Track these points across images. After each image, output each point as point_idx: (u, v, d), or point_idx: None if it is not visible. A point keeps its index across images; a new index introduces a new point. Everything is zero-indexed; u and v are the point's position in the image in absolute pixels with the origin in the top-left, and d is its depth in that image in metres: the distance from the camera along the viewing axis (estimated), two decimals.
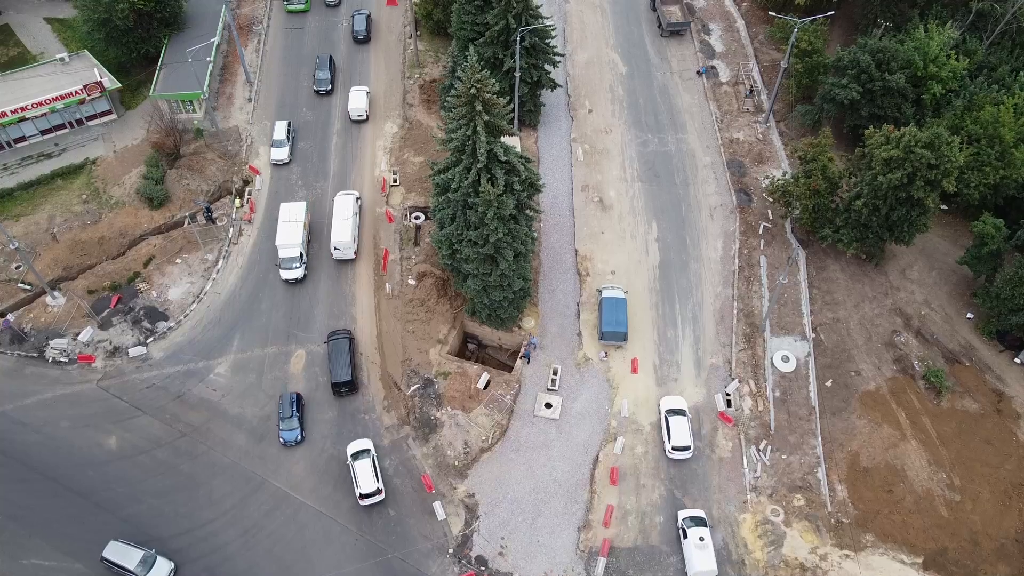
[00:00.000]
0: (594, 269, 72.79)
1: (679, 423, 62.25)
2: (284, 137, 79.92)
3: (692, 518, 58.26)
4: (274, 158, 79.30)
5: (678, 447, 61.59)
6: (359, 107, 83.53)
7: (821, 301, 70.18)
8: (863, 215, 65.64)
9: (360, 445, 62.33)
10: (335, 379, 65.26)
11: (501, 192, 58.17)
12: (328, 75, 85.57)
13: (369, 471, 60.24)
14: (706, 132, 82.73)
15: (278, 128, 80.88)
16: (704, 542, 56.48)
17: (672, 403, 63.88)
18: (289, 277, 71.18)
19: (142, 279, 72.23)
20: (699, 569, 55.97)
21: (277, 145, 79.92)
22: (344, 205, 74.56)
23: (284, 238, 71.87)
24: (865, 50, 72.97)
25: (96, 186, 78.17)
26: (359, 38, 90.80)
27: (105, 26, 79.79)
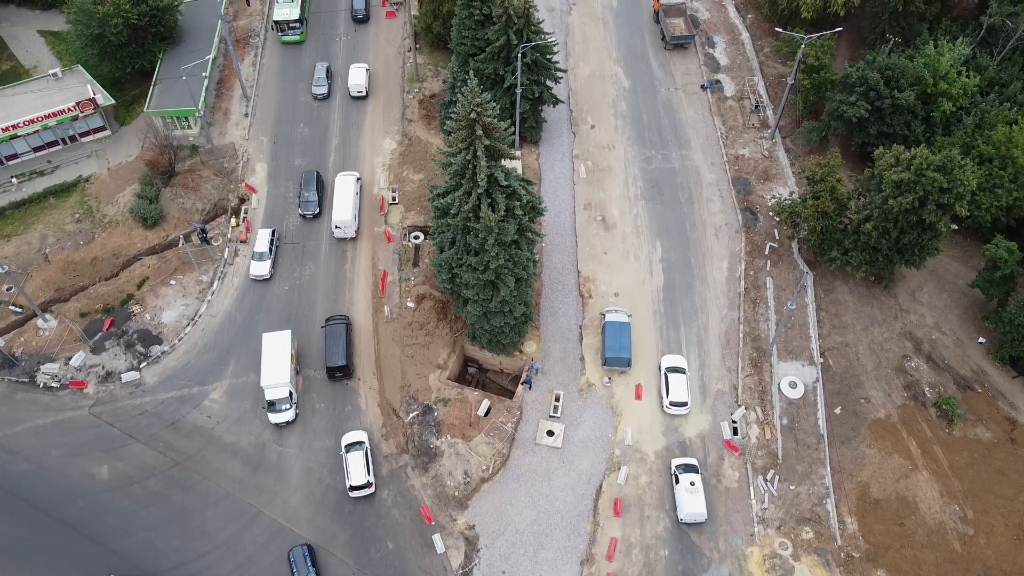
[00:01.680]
0: (597, 291, 71.26)
1: (678, 380, 64.19)
2: (267, 249, 71.88)
3: (684, 465, 60.50)
4: (253, 273, 71.23)
5: (676, 403, 63.52)
6: (359, 83, 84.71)
7: (829, 324, 68.62)
8: (872, 238, 64.10)
9: (354, 437, 62.58)
10: (330, 363, 65.76)
11: (502, 217, 56.69)
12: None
13: (361, 463, 60.42)
14: (711, 148, 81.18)
15: (261, 238, 72.51)
16: (695, 487, 58.93)
17: (672, 361, 65.76)
18: (279, 421, 62.93)
19: (135, 301, 70.76)
20: (688, 511, 58.50)
21: (258, 258, 71.69)
22: (345, 185, 75.78)
23: (270, 377, 63.27)
24: (874, 67, 71.40)
25: (89, 205, 76.73)
26: (358, 17, 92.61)
27: (99, 41, 78.26)
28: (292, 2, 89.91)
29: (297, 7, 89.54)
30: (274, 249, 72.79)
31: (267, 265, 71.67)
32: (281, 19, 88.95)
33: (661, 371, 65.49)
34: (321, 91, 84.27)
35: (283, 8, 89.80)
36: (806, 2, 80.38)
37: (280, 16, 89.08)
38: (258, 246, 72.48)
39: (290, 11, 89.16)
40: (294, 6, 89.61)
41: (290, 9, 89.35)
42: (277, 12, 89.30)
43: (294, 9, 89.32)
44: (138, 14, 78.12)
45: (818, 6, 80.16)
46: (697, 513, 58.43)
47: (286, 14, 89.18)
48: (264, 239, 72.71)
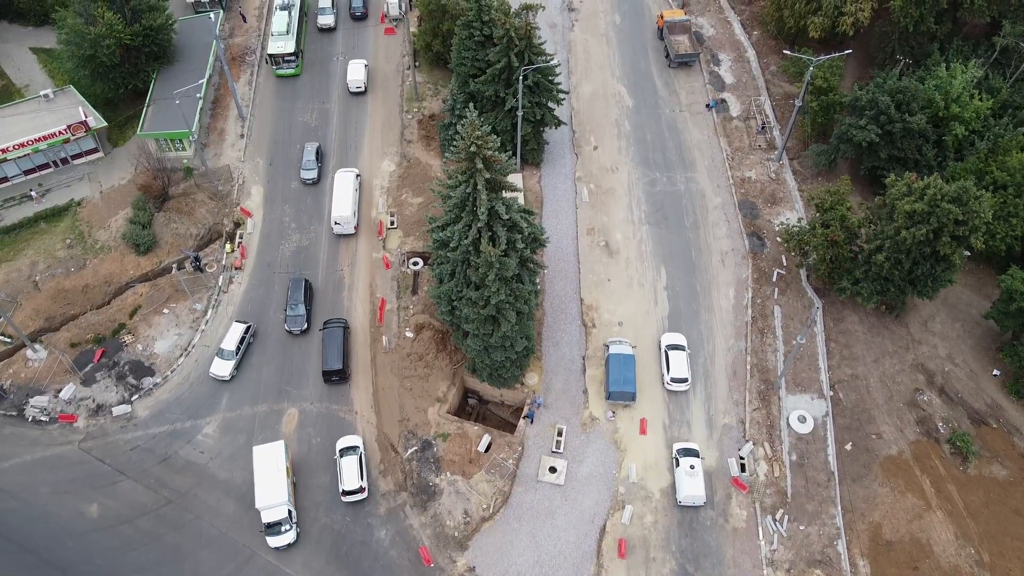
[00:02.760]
0: (600, 320, 69.50)
1: (678, 357, 65.26)
2: (234, 347, 65.98)
3: (684, 449, 61.36)
4: (213, 371, 65.47)
5: (676, 379, 64.59)
6: (358, 79, 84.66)
7: (839, 356, 66.83)
8: (884, 269, 62.29)
9: (349, 441, 61.99)
10: (326, 367, 65.15)
11: (503, 252, 54.95)
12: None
13: (355, 468, 59.96)
14: (716, 170, 79.39)
15: (231, 334, 66.67)
16: (694, 470, 59.68)
17: (672, 339, 66.88)
18: (279, 544, 57.54)
19: (127, 331, 69.06)
20: (687, 493, 59.15)
21: (221, 356, 65.85)
22: (344, 181, 75.17)
23: (265, 496, 57.79)
24: (884, 90, 69.59)
25: (81, 230, 75.02)
26: (357, 15, 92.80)
27: (91, 62, 76.52)
28: (287, 35, 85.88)
29: (292, 40, 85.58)
30: (243, 348, 66.40)
31: (230, 366, 65.34)
32: (276, 52, 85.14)
33: (661, 349, 66.61)
34: (310, 176, 77.23)
35: (278, 41, 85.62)
36: (814, 21, 78.56)
37: (275, 49, 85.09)
38: (225, 342, 66.05)
39: (285, 44, 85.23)
40: (289, 39, 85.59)
41: (285, 42, 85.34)
42: (271, 45, 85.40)
43: (289, 42, 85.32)
44: (131, 34, 76.46)
45: (826, 25, 78.33)
46: (696, 496, 59.19)
47: (281, 47, 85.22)
48: (234, 336, 66.28)
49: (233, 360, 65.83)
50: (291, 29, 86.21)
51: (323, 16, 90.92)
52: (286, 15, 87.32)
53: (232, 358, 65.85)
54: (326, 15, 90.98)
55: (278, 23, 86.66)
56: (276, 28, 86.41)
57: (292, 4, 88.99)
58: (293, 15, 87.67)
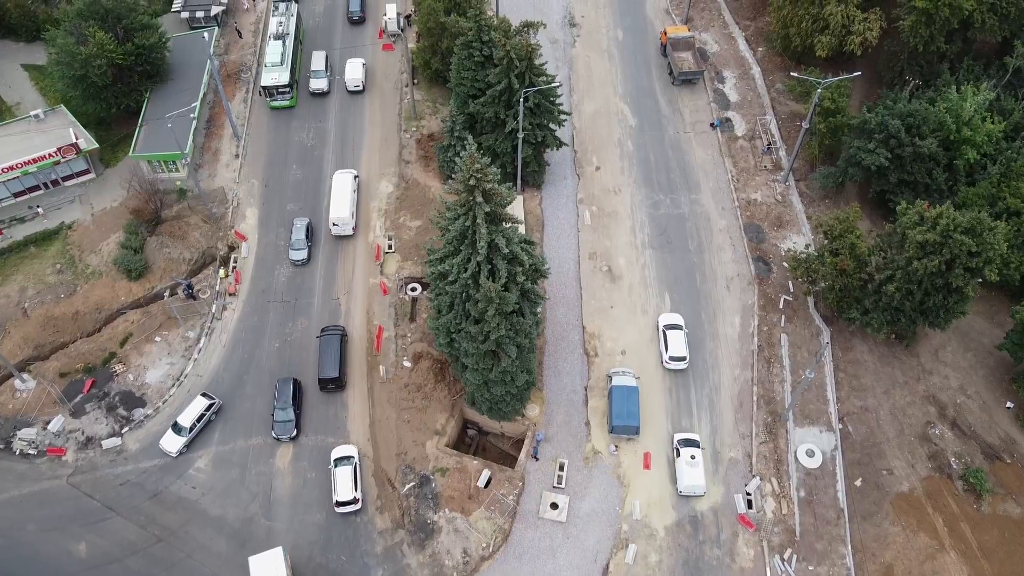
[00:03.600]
0: (603, 348, 67.81)
1: (676, 336, 66.04)
2: (189, 424, 61.82)
3: (685, 440, 61.44)
4: (163, 445, 61.63)
5: (675, 357, 65.42)
6: (356, 78, 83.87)
7: (848, 387, 65.12)
8: (895, 299, 60.60)
9: (344, 451, 61.33)
10: (322, 375, 64.53)
11: (503, 286, 53.24)
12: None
13: (349, 479, 59.25)
14: (721, 192, 77.69)
15: (190, 409, 62.39)
16: (695, 460, 59.97)
17: (670, 319, 67.77)
18: None
19: (118, 360, 67.38)
20: (688, 483, 59.49)
21: (176, 430, 61.90)
22: (342, 182, 74.38)
23: None
24: (894, 114, 67.86)
25: (71, 254, 73.36)
26: (354, 19, 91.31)
27: (82, 82, 74.83)
28: (281, 65, 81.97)
29: (287, 71, 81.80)
30: (201, 426, 62.47)
31: (180, 443, 61.38)
32: (269, 84, 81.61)
33: (659, 329, 67.32)
34: (300, 256, 71.32)
35: (271, 72, 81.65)
36: (821, 40, 76.82)
37: (268, 81, 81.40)
38: (183, 415, 62.04)
39: (279, 75, 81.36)
40: (283, 70, 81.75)
41: (279, 73, 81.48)
42: (265, 77, 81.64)
43: (283, 73, 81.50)
44: (123, 53, 74.81)
45: (834, 45, 76.62)
46: (696, 486, 59.45)
47: (275, 79, 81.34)
48: (193, 411, 62.15)
49: (185, 437, 61.56)
50: (285, 59, 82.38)
51: (316, 80, 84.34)
52: (279, 45, 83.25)
53: (185, 435, 61.53)
54: (319, 79, 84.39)
55: (271, 53, 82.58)
56: (269, 59, 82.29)
57: (286, 33, 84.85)
58: (287, 44, 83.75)
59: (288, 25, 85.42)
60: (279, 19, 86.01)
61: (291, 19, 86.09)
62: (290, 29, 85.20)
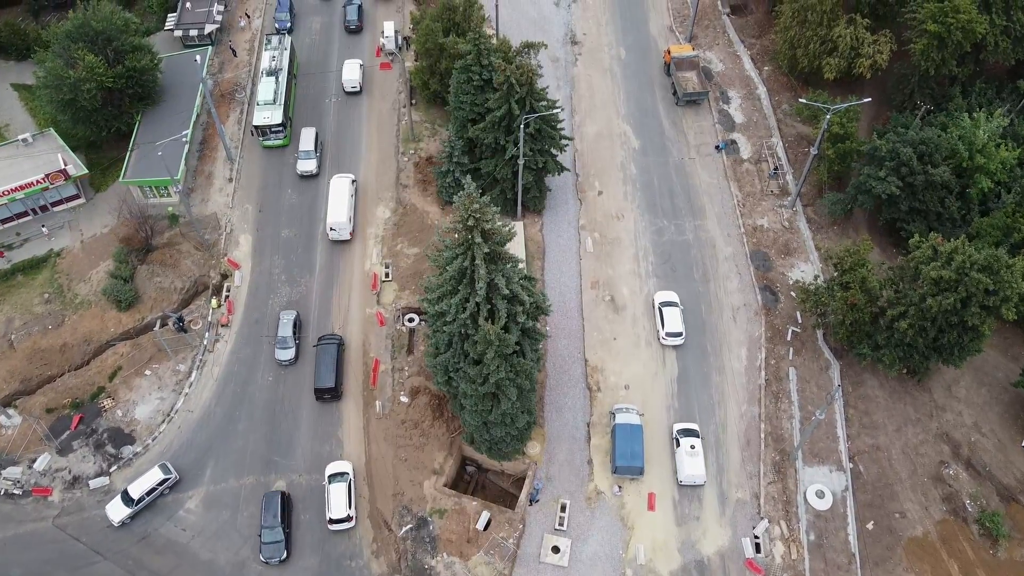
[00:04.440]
0: (606, 383, 65.88)
1: (672, 313, 67.37)
2: (138, 496, 58.18)
3: (684, 430, 61.82)
4: (107, 511, 58.47)
5: (671, 333, 66.63)
6: (353, 78, 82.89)
7: (858, 424, 63.19)
8: (907, 336, 58.68)
9: (338, 467, 60.52)
10: (318, 384, 63.83)
11: (503, 327, 51.30)
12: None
13: (343, 496, 58.52)
14: (726, 217, 75.74)
15: (143, 480, 58.86)
16: (695, 450, 60.23)
17: (665, 297, 68.87)
18: None
19: (107, 394, 65.46)
20: (688, 473, 59.73)
21: (124, 500, 58.35)
22: (340, 187, 73.73)
23: None
24: (906, 142, 65.91)
25: (60, 283, 71.47)
26: (351, 28, 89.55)
27: (71, 106, 72.92)
28: (274, 104, 77.72)
29: (279, 110, 77.63)
30: (151, 498, 58.62)
31: (125, 513, 57.69)
32: (262, 124, 77.51)
33: (655, 307, 68.24)
34: (287, 356, 65.79)
35: (263, 111, 77.48)
36: (829, 63, 74.86)
37: (260, 121, 77.25)
38: (133, 486, 58.36)
39: (271, 114, 77.27)
40: (276, 108, 77.60)
41: (271, 112, 77.36)
42: (257, 116, 77.55)
43: (276, 112, 77.40)
44: (113, 76, 72.90)
45: (842, 67, 74.68)
46: (697, 475, 59.72)
47: (267, 118, 77.21)
48: (146, 483, 58.41)
49: (132, 509, 58.06)
50: (278, 97, 78.24)
51: (304, 161, 76.97)
52: (272, 82, 79.05)
53: (131, 506, 58.06)
54: (307, 160, 77.16)
55: (264, 91, 78.45)
56: (262, 97, 78.11)
57: (279, 68, 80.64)
58: (280, 80, 79.55)
59: (281, 60, 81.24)
60: (272, 53, 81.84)
61: (284, 53, 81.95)
62: (283, 64, 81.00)
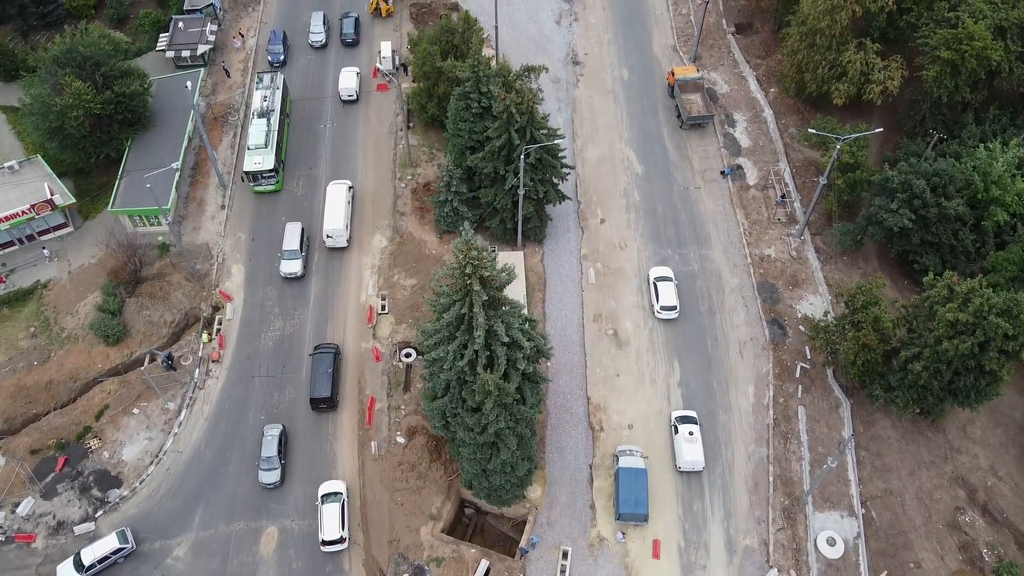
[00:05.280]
0: (609, 422, 63.79)
1: (667, 287, 68.51)
2: (89, 562, 55.75)
3: (683, 417, 62.48)
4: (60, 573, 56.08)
5: (666, 307, 67.83)
6: (350, 87, 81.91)
7: (870, 466, 61.09)
8: (922, 378, 56.59)
9: (332, 487, 59.46)
10: (314, 394, 63.17)
11: (502, 374, 49.24)
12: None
13: (336, 517, 57.55)
14: (733, 247, 73.63)
15: (95, 547, 56.42)
16: (693, 436, 60.73)
17: (660, 272, 69.91)
18: None
19: (93, 434, 63.38)
20: (687, 459, 60.16)
21: (76, 565, 55.80)
22: (336, 194, 72.91)
23: None
24: (919, 173, 63.83)
25: (46, 316, 69.46)
26: (347, 41, 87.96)
27: (58, 134, 70.87)
28: (265, 148, 73.55)
29: (271, 154, 73.51)
30: (103, 566, 56.14)
31: None
32: (252, 170, 73.30)
33: (650, 282, 69.37)
34: (271, 480, 60.45)
35: (254, 156, 73.27)
36: (839, 88, 72.79)
37: (251, 167, 72.99)
38: (87, 551, 56.15)
39: (263, 159, 73.21)
40: (267, 153, 73.45)
41: (263, 157, 73.27)
42: (247, 161, 73.30)
43: (268, 157, 73.31)
44: (102, 102, 70.85)
45: (852, 93, 72.60)
46: (695, 461, 60.12)
47: (258, 163, 73.07)
48: (99, 550, 56.10)
49: (80, 573, 55.82)
50: (270, 140, 74.13)
51: (288, 262, 69.78)
52: (264, 124, 74.80)
53: (82, 572, 55.75)
54: (292, 260, 69.96)
55: (255, 134, 74.20)
56: (252, 140, 73.84)
57: (271, 109, 76.33)
58: (272, 122, 75.41)
59: (273, 100, 77.01)
60: (263, 92, 77.33)
61: (276, 92, 77.79)
62: (275, 104, 76.85)
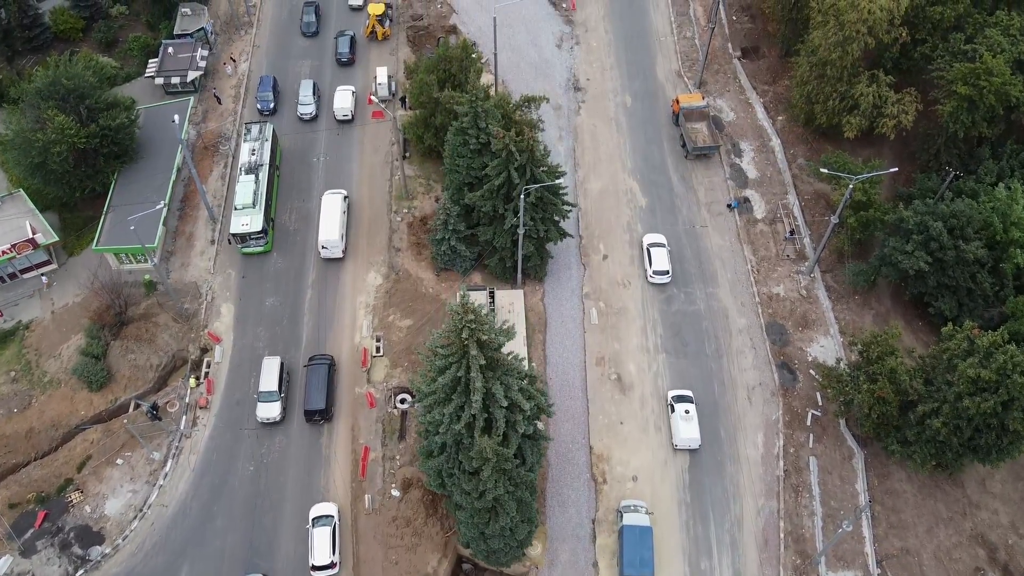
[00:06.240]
0: (612, 473, 61.27)
1: (659, 252, 70.30)
2: None
3: (679, 396, 63.08)
4: None
5: (658, 271, 69.66)
6: (344, 107, 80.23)
7: (886, 523, 58.54)
8: (941, 434, 54.05)
9: (323, 510, 58.27)
10: (308, 406, 62.40)
11: (501, 437, 46.71)
12: None
13: (327, 541, 56.41)
14: (740, 285, 71.08)
15: None
16: (689, 415, 61.60)
17: (653, 239, 71.58)
18: None
19: (75, 487, 60.81)
20: (684, 436, 61.11)
21: None
22: (332, 204, 71.70)
23: None
24: (936, 215, 61.28)
25: (28, 359, 66.91)
26: (343, 60, 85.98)
27: (41, 169, 68.35)
28: (254, 208, 69.37)
29: (260, 215, 69.31)
30: None
31: None
32: (239, 232, 69.10)
33: (644, 248, 71.12)
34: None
35: (241, 217, 68.94)
36: (850, 121, 70.21)
37: (238, 228, 68.78)
38: None
39: (251, 221, 68.96)
40: (256, 213, 69.24)
41: (251, 218, 69.01)
42: (234, 223, 69.10)
43: (256, 218, 69.06)
44: (86, 136, 68.16)
45: (863, 126, 70.07)
46: (691, 439, 60.98)
47: (245, 225, 68.76)
48: None
49: None
50: (258, 199, 69.99)
51: (266, 404, 62.03)
52: (251, 181, 70.50)
53: None
54: (269, 403, 62.18)
55: (242, 193, 69.92)
56: (239, 200, 69.72)
57: (260, 164, 72.04)
58: (261, 178, 71.17)
59: (262, 153, 72.84)
60: (251, 145, 73.13)
61: (265, 144, 73.66)
62: (264, 158, 72.67)
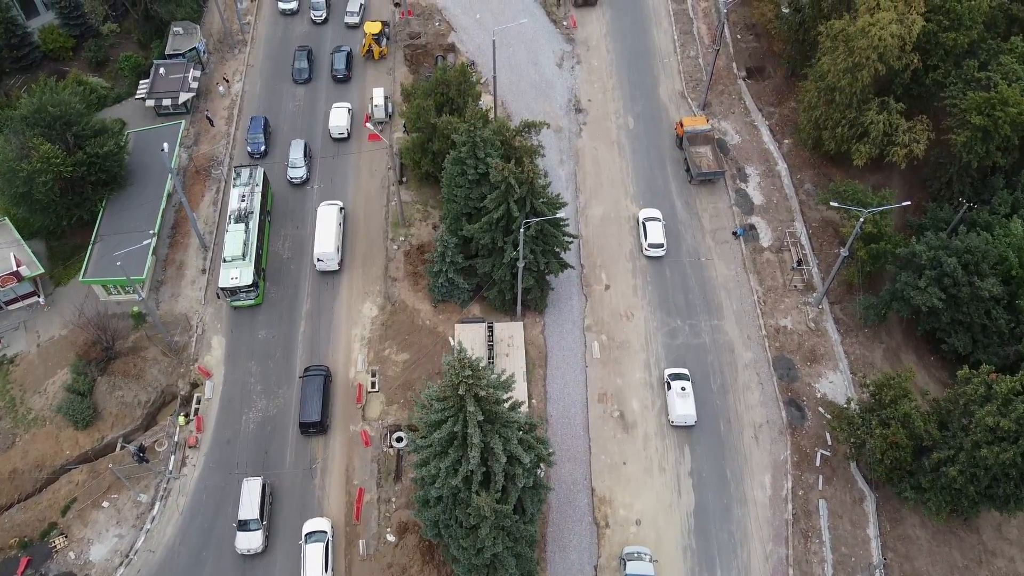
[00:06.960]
0: (615, 517, 59.26)
1: (655, 226, 71.90)
2: None
3: (675, 374, 64.01)
4: None
5: (653, 244, 71.21)
6: (340, 124, 78.79)
7: (899, 572, 56.54)
8: (957, 482, 52.05)
9: (316, 525, 57.41)
10: (303, 418, 61.68)
11: (499, 493, 44.73)
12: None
13: (319, 559, 55.41)
14: (746, 317, 69.08)
15: None
16: (685, 391, 62.44)
17: (649, 213, 73.21)
18: None
19: (59, 531, 58.80)
20: (680, 412, 61.99)
21: None
22: (328, 215, 70.83)
23: None
24: (950, 250, 59.30)
25: (12, 395, 64.92)
26: (339, 77, 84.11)
27: (26, 199, 66.36)
28: (243, 259, 65.98)
29: (250, 267, 65.84)
30: None
31: None
32: (228, 286, 65.83)
33: (640, 222, 72.28)
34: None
35: (231, 269, 65.54)
36: (859, 149, 68.25)
37: (228, 282, 65.41)
38: None
39: (241, 274, 65.48)
40: (246, 266, 65.78)
41: (240, 271, 65.54)
42: (223, 276, 65.72)
43: (246, 271, 65.62)
44: (73, 164, 66.12)
45: (873, 154, 68.11)
46: (687, 415, 61.83)
47: (235, 278, 65.35)
48: None
49: None
50: (248, 250, 66.57)
51: (245, 535, 57.37)
52: (241, 231, 67.18)
53: None
54: (250, 534, 57.31)
55: (231, 244, 66.53)
56: (228, 251, 66.31)
57: (250, 211, 68.69)
58: (251, 227, 67.81)
59: (252, 201, 69.67)
60: (241, 191, 70.04)
61: (256, 190, 70.47)
62: (255, 206, 69.45)
